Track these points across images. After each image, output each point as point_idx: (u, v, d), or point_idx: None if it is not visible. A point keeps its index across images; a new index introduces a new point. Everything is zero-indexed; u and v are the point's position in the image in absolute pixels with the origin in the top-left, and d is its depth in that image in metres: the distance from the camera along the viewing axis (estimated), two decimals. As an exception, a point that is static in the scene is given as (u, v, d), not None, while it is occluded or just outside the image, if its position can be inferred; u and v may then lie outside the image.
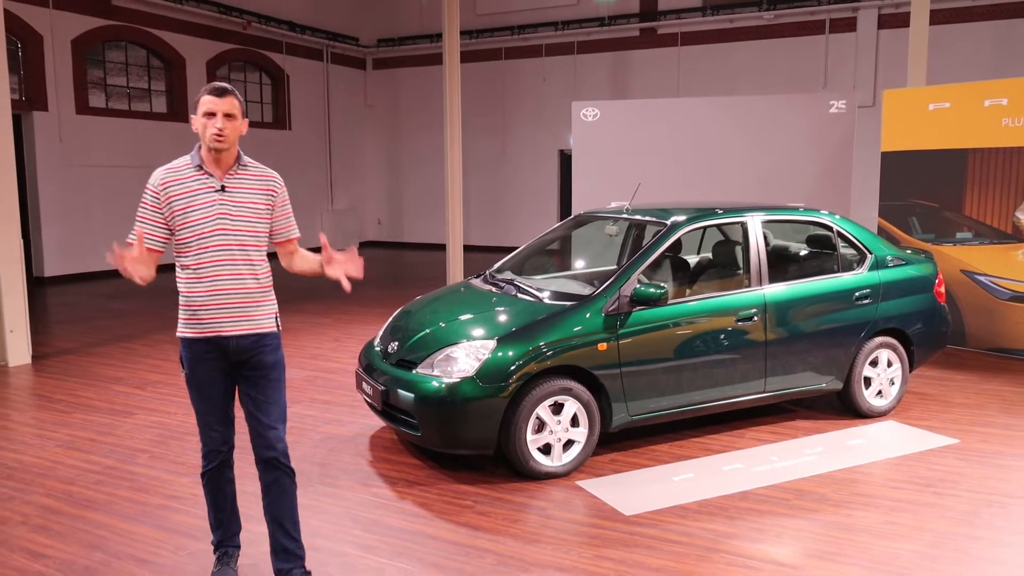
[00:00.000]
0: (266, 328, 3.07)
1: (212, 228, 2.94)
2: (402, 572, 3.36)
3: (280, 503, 3.09)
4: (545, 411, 4.33)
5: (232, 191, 2.98)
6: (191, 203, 2.94)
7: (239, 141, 3.02)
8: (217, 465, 3.15)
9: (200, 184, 2.96)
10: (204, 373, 3.03)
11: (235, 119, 2.97)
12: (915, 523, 3.81)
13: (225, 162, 3.00)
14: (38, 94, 12.00)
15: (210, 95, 2.95)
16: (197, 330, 2.99)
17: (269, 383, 3.08)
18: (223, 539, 3.26)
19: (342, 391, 6.11)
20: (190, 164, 3.00)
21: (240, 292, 2.99)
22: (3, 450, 4.86)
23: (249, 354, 3.04)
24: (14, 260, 7.05)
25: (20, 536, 3.69)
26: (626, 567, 3.40)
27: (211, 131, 2.92)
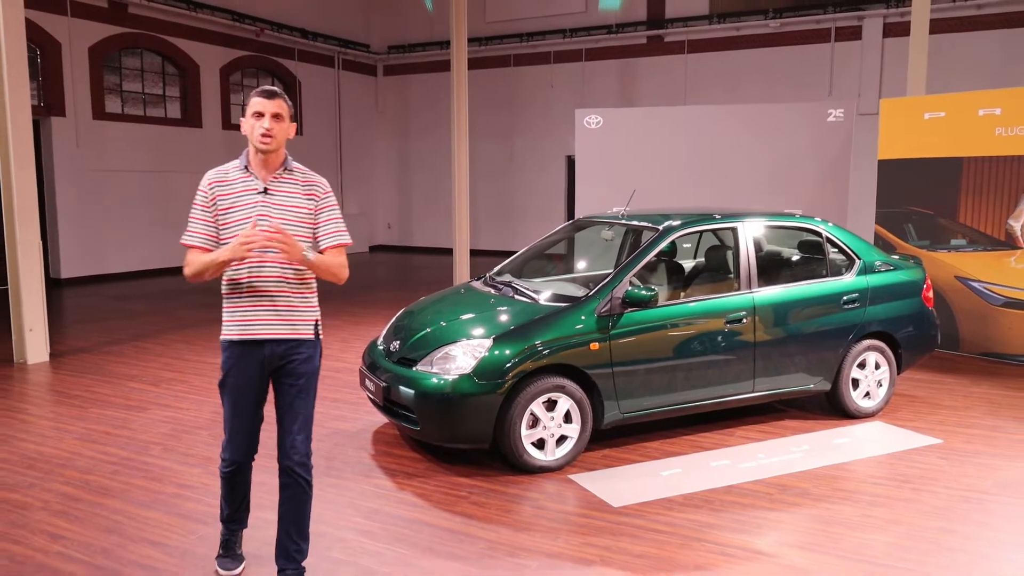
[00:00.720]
0: (303, 334, 3.07)
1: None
2: (399, 556, 3.56)
3: (291, 508, 3.16)
4: (539, 407, 4.53)
5: (274, 194, 3.02)
6: (234, 204, 2.99)
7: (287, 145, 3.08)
8: (235, 469, 3.22)
9: (244, 186, 3.01)
10: (237, 378, 3.05)
11: (283, 121, 3.00)
12: (891, 517, 3.98)
13: (271, 165, 3.03)
14: (56, 100, 12.31)
15: (259, 97, 2.98)
16: (236, 331, 3.03)
17: (298, 391, 3.09)
18: (231, 518, 3.36)
19: (347, 389, 6.32)
20: (238, 166, 3.06)
21: (276, 295, 3.00)
22: (24, 441, 5.10)
23: (283, 360, 3.05)
24: (33, 262, 7.30)
25: (41, 520, 3.92)
26: (610, 553, 3.58)
27: (258, 131, 2.96)
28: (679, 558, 3.55)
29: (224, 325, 3.07)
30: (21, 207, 7.18)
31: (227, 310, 3.06)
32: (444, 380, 4.45)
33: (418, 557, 3.56)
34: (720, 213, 5.60)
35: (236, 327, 3.02)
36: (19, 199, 7.16)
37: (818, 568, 3.46)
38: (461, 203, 12.52)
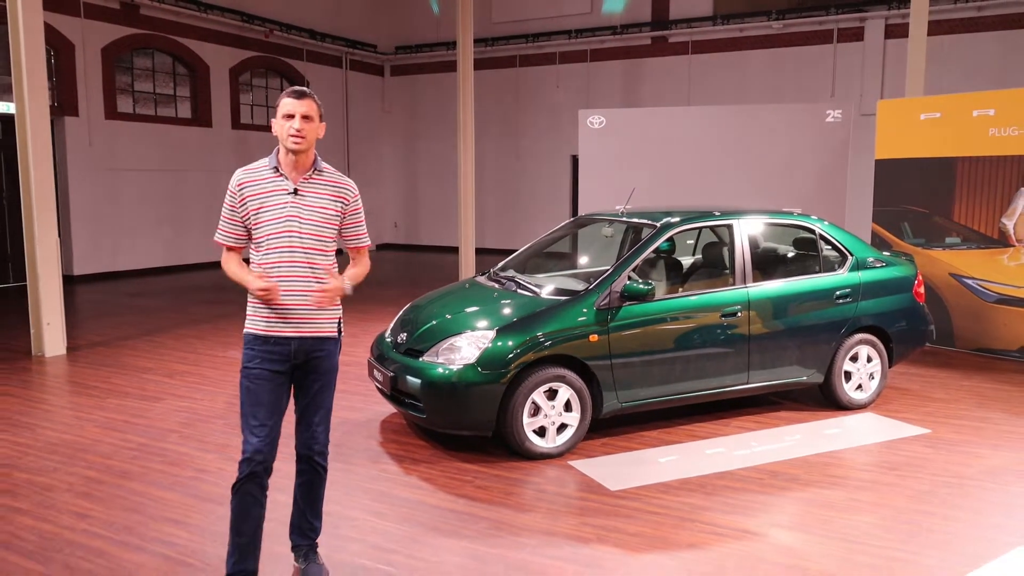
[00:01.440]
0: (326, 332, 3.12)
1: (281, 230, 3.01)
2: (406, 534, 3.76)
3: (307, 492, 3.27)
4: (540, 397, 4.72)
5: (304, 195, 3.04)
6: (264, 204, 3.01)
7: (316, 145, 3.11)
8: (248, 476, 3.01)
9: (274, 186, 3.03)
10: (258, 372, 3.04)
11: (312, 121, 3.02)
12: (876, 500, 4.16)
13: (302, 165, 3.05)
14: (69, 100, 12.55)
15: (289, 98, 3.01)
16: (260, 327, 3.05)
17: (321, 387, 3.15)
18: (234, 572, 3.07)
19: (357, 381, 6.53)
20: (268, 166, 3.07)
21: (302, 295, 3.02)
22: (47, 429, 5.32)
23: (307, 356, 3.09)
24: (51, 259, 7.53)
25: (67, 501, 4.13)
26: (607, 532, 3.78)
27: (289, 132, 2.98)
28: (672, 537, 3.74)
29: (249, 319, 3.09)
30: (39, 206, 7.40)
31: (253, 304, 3.08)
32: (449, 370, 4.65)
33: (423, 535, 3.75)
34: (716, 211, 5.78)
35: (262, 323, 3.04)
36: (37, 198, 7.38)
37: (804, 546, 3.64)
38: (467, 202, 12.72)
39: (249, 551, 3.08)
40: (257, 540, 3.10)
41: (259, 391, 3.04)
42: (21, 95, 7.26)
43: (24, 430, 5.29)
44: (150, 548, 3.60)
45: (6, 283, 12.07)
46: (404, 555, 3.55)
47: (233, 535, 3.06)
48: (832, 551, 3.60)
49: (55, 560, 3.48)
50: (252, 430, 3.02)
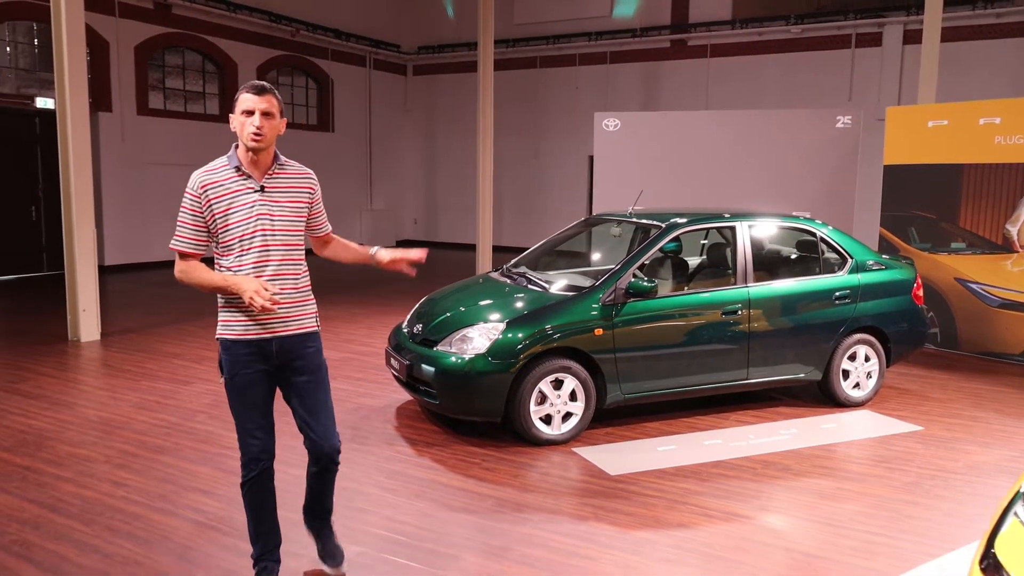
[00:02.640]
0: (308, 328, 3.07)
1: (254, 229, 2.91)
2: (417, 509, 4.05)
3: (322, 484, 3.27)
4: (547, 386, 5.00)
5: (272, 191, 2.95)
6: (231, 205, 2.90)
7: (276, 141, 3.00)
8: (257, 475, 3.07)
9: (239, 185, 2.92)
10: (245, 376, 2.98)
11: (273, 118, 2.90)
12: (861, 490, 4.40)
13: (263, 162, 2.95)
14: (103, 96, 12.97)
15: (248, 92, 2.89)
16: (239, 331, 2.95)
17: (317, 386, 3.09)
18: (263, 553, 3.18)
19: (373, 370, 6.84)
20: (228, 166, 2.95)
21: (282, 293, 2.94)
22: (85, 407, 5.67)
23: (292, 355, 3.02)
24: (88, 248, 7.91)
25: (105, 471, 4.46)
26: (604, 512, 4.04)
27: (249, 130, 2.86)
28: (664, 517, 4.00)
29: (222, 324, 3.00)
30: (78, 198, 7.78)
31: (226, 309, 2.98)
32: (461, 359, 4.94)
33: (434, 510, 4.04)
34: (720, 213, 6.02)
35: (239, 327, 2.96)
36: (76, 191, 7.75)
37: (788, 529, 3.89)
38: (485, 200, 13.01)
39: (271, 531, 3.19)
40: (275, 519, 3.21)
41: (250, 395, 3.00)
42: (63, 93, 7.64)
43: (64, 408, 5.65)
44: (182, 514, 3.92)
45: (41, 272, 12.52)
46: (415, 526, 3.84)
47: (253, 523, 3.15)
48: (815, 534, 3.85)
49: (97, 522, 3.81)
50: (251, 434, 3.02)
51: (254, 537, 3.17)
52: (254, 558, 3.18)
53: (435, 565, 3.47)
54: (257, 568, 3.17)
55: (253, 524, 3.15)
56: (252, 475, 3.06)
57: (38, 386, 6.19)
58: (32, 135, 12.38)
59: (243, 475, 3.08)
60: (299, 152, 15.80)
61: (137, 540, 3.64)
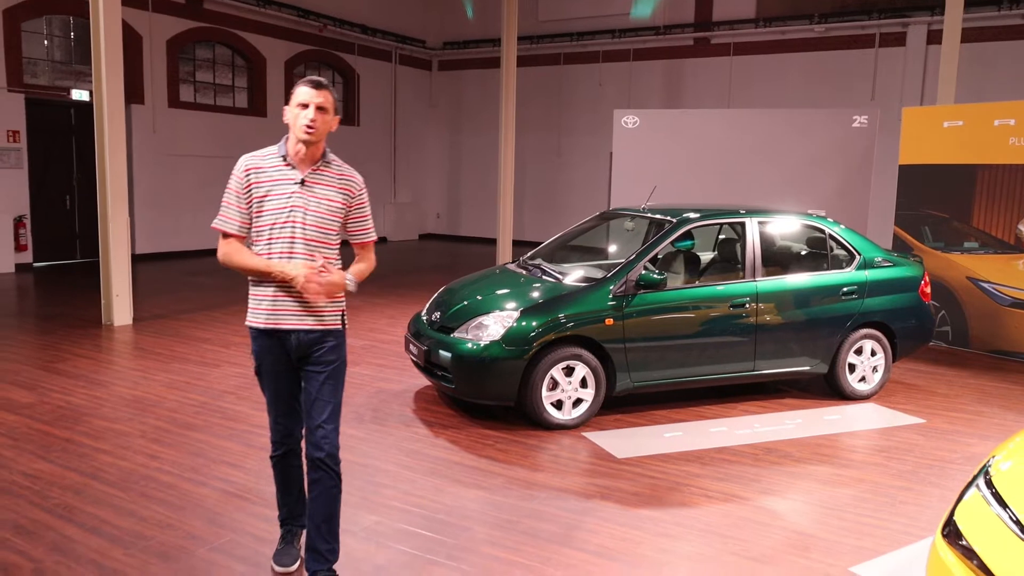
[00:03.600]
0: (330, 325, 3.05)
1: (285, 220, 2.94)
2: (433, 484, 4.29)
3: (319, 504, 3.06)
4: (559, 373, 5.21)
5: (311, 186, 2.98)
6: (270, 192, 2.95)
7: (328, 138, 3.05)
8: (283, 454, 3.25)
9: (282, 175, 2.97)
10: (270, 365, 3.07)
11: (327, 113, 2.96)
12: (858, 476, 4.57)
13: (311, 156, 2.99)
14: (136, 89, 13.34)
15: (306, 86, 2.95)
16: (262, 320, 3.01)
17: (325, 381, 3.05)
18: (288, 517, 3.37)
19: (394, 357, 7.08)
20: (276, 154, 3.01)
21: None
22: (119, 387, 5.97)
23: (309, 350, 3.03)
24: (122, 235, 8.23)
25: (140, 445, 4.74)
26: (608, 491, 4.25)
27: (302, 122, 2.91)
28: (666, 497, 4.20)
29: (250, 312, 3.06)
30: (113, 187, 8.09)
31: (254, 297, 3.05)
32: (477, 345, 5.16)
33: (448, 486, 4.27)
34: (731, 209, 6.19)
35: (263, 315, 3.01)
36: (111, 180, 8.07)
37: (784, 510, 4.08)
38: (506, 195, 13.23)
39: (297, 502, 3.35)
40: (302, 492, 3.32)
41: (274, 384, 3.11)
42: (100, 86, 7.95)
43: (100, 387, 5.95)
44: (212, 484, 4.18)
45: (74, 259, 12.93)
46: (429, 500, 4.07)
47: (280, 493, 3.36)
48: (810, 515, 4.03)
49: (133, 489, 4.09)
50: (275, 420, 3.21)
51: (281, 503, 3.38)
52: (280, 520, 3.40)
53: (447, 534, 3.70)
54: (283, 530, 3.39)
55: (281, 493, 3.36)
56: (278, 453, 3.26)
57: (75, 366, 6.50)
58: (67, 126, 12.77)
59: (271, 450, 3.28)
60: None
61: (170, 506, 3.91)
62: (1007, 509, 2.21)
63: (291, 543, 3.37)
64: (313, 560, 3.10)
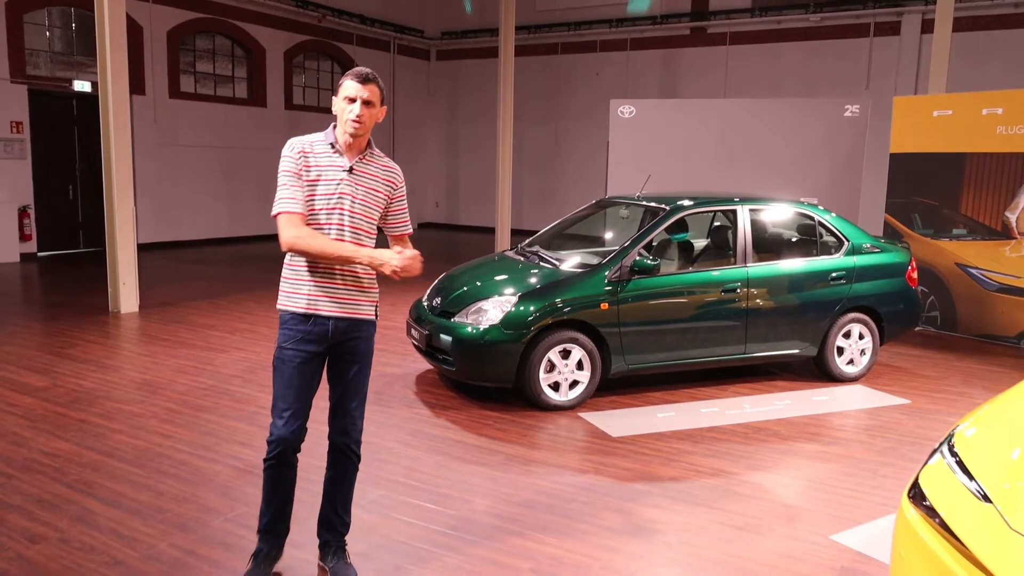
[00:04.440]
0: (365, 315, 3.09)
1: (333, 206, 2.96)
2: (434, 461, 4.48)
3: (340, 483, 3.21)
4: (555, 355, 5.39)
5: (358, 175, 3.01)
6: (320, 177, 2.96)
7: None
8: (275, 458, 3.06)
9: (331, 161, 2.98)
10: (293, 353, 3.00)
11: (373, 106, 2.97)
12: (842, 453, 4.76)
13: (357, 146, 3.02)
14: (137, 79, 13.45)
15: (352, 80, 2.95)
16: (300, 305, 2.98)
17: (358, 372, 3.11)
18: (264, 530, 3.16)
19: (396, 343, 7.27)
20: (324, 141, 3.01)
21: (351, 276, 3.02)
22: (129, 371, 6.16)
23: (344, 338, 3.04)
24: (128, 224, 8.39)
25: (153, 425, 4.93)
26: (603, 467, 4.45)
27: (348, 116, 2.93)
28: (657, 472, 4.39)
29: (286, 295, 3.03)
30: (118, 177, 8.25)
31: (292, 281, 3.02)
32: (477, 329, 5.34)
33: (448, 462, 4.47)
34: (723, 197, 6.36)
35: (303, 300, 2.99)
36: (116, 171, 8.22)
37: (769, 483, 4.27)
38: (504, 184, 13.38)
39: (281, 512, 3.15)
40: (289, 501, 3.16)
41: (292, 373, 3.00)
42: (104, 77, 8.09)
43: (111, 371, 6.13)
44: (223, 461, 4.37)
45: (79, 248, 13.09)
46: (430, 475, 4.27)
47: (266, 501, 3.13)
48: (794, 488, 4.22)
49: (149, 466, 4.28)
50: (280, 413, 3.02)
51: (264, 510, 3.15)
52: (260, 530, 3.16)
53: (448, 506, 3.89)
54: (259, 539, 3.16)
55: (266, 501, 3.14)
56: (272, 455, 3.06)
57: (85, 352, 6.68)
58: (70, 117, 12.90)
59: (269, 451, 3.08)
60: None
61: (184, 481, 4.10)
62: (966, 472, 2.39)
63: (260, 566, 3.11)
64: (326, 530, 3.23)
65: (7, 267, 11.34)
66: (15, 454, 4.40)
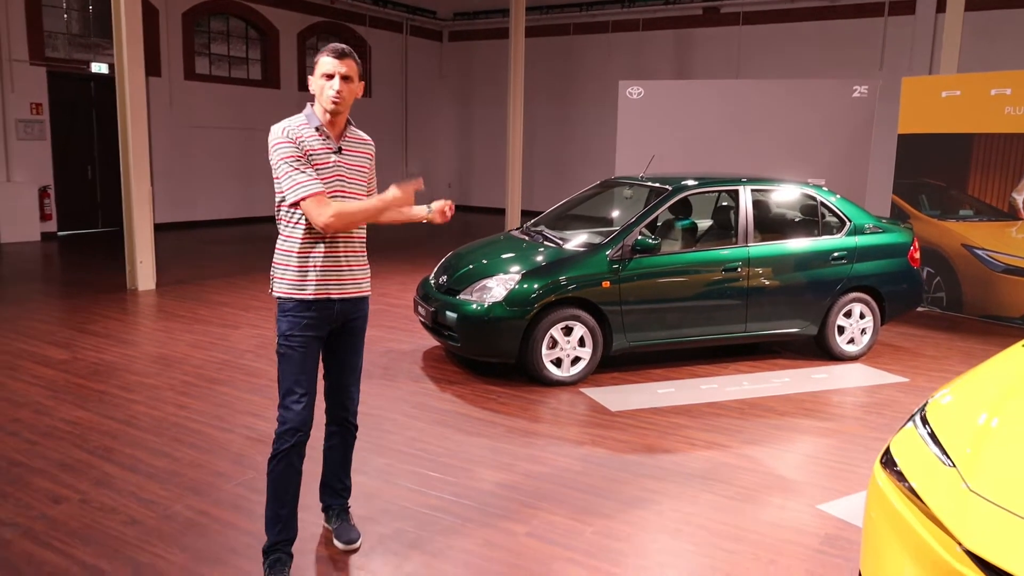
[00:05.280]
0: (366, 292, 3.14)
1: (331, 190, 2.94)
2: (438, 432, 4.64)
3: (340, 452, 3.31)
4: (558, 332, 5.53)
5: (347, 154, 3.02)
6: (315, 161, 2.93)
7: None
8: (289, 448, 2.96)
9: (321, 144, 2.95)
10: (301, 337, 2.97)
11: (352, 82, 2.93)
12: (837, 428, 4.88)
13: (339, 125, 3.01)
14: (153, 62, 13.60)
15: (329, 56, 2.91)
16: (310, 291, 2.95)
17: (354, 349, 3.17)
18: (277, 541, 3.01)
19: (404, 321, 7.43)
20: (308, 124, 2.95)
21: (352, 255, 3.05)
22: (147, 346, 6.36)
23: (350, 316, 3.08)
24: (144, 203, 8.58)
25: (169, 397, 5.12)
26: (601, 439, 4.59)
27: (328, 94, 2.89)
28: (653, 444, 4.54)
29: (293, 283, 2.96)
30: (135, 157, 8.43)
31: (298, 268, 2.95)
32: (481, 306, 5.49)
33: (451, 434, 4.63)
34: (726, 177, 6.45)
35: (311, 286, 2.95)
36: (134, 152, 8.40)
37: (762, 456, 4.40)
38: (514, 165, 13.47)
39: (291, 520, 3.04)
40: (296, 506, 3.06)
41: (302, 359, 2.97)
42: (121, 59, 8.25)
43: (129, 345, 6.34)
44: (237, 431, 4.55)
45: (97, 228, 13.33)
46: (434, 445, 4.43)
47: (274, 506, 2.99)
48: (787, 461, 4.35)
49: (165, 435, 4.47)
50: (296, 400, 2.96)
51: (270, 522, 3.01)
52: (265, 548, 3.03)
53: (450, 474, 4.05)
54: (270, 559, 3.00)
55: (273, 506, 3.00)
56: (284, 447, 2.96)
57: (104, 327, 6.89)
58: (88, 98, 13.10)
59: (275, 447, 2.97)
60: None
61: (199, 449, 4.28)
62: (934, 438, 2.51)
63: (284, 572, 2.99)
64: (329, 495, 3.35)
65: (28, 246, 11.59)
66: (39, 422, 4.61)
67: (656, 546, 3.40)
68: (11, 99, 11.90)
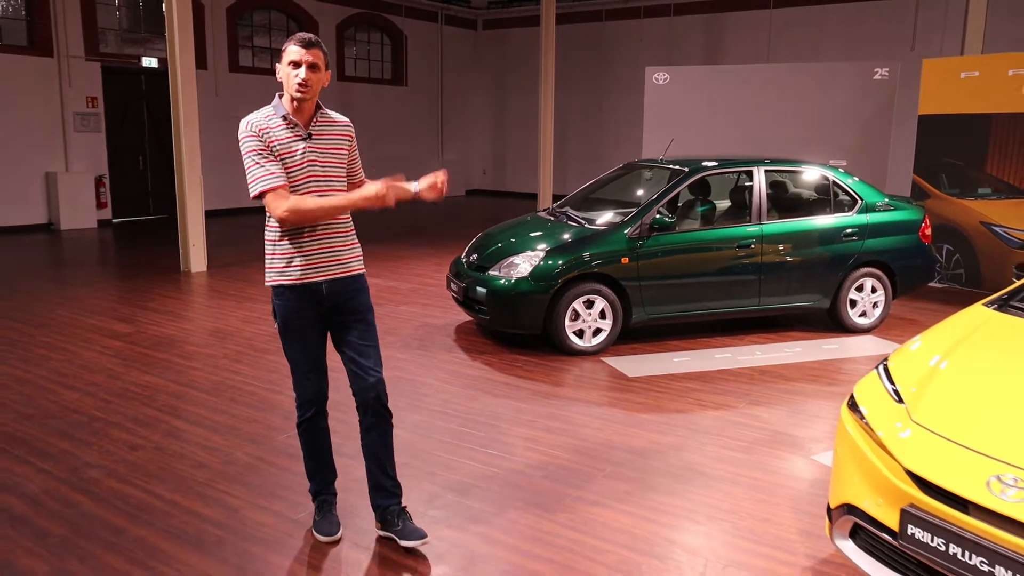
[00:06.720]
0: (357, 270, 3.15)
1: (305, 175, 2.99)
2: (468, 395, 5.09)
3: (379, 444, 3.22)
4: (580, 305, 5.93)
5: (318, 139, 3.05)
6: (284, 151, 2.97)
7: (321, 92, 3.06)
8: (312, 415, 3.20)
9: (288, 133, 2.99)
10: (300, 320, 3.07)
11: (319, 71, 2.97)
12: (841, 392, 5.22)
13: (307, 111, 3.03)
14: (199, 55, 14.14)
15: (295, 45, 2.96)
16: (293, 277, 3.02)
17: (366, 326, 3.16)
18: (320, 488, 3.34)
19: (438, 298, 7.89)
20: (275, 115, 3.00)
21: (335, 236, 3.07)
22: (202, 320, 6.92)
23: (343, 297, 3.10)
24: (196, 191, 9.16)
25: (225, 364, 5.65)
26: (616, 400, 5.00)
27: (294, 82, 2.93)
28: (666, 405, 4.93)
29: (277, 271, 3.06)
30: (187, 147, 9.00)
31: (281, 256, 3.04)
32: (509, 281, 5.91)
33: (480, 396, 5.07)
34: (741, 159, 6.77)
35: (296, 271, 3.02)
36: (185, 141, 8.97)
37: (767, 415, 4.77)
38: (546, 151, 13.85)
39: (327, 468, 3.33)
40: (331, 457, 3.35)
41: (303, 338, 3.10)
42: (173, 55, 8.81)
43: (186, 321, 6.90)
44: (286, 393, 5.04)
45: (148, 215, 14.04)
46: (465, 406, 4.88)
47: (310, 462, 3.30)
48: (788, 419, 4.72)
49: (223, 396, 4.99)
50: (306, 376, 3.15)
51: (311, 474, 3.33)
52: (312, 492, 3.36)
53: (477, 428, 4.50)
54: (317, 501, 3.34)
55: (310, 463, 3.31)
56: (307, 416, 3.21)
57: (163, 305, 7.47)
58: (139, 92, 13.78)
59: (298, 416, 3.23)
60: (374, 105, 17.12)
61: (254, 408, 4.79)
62: (890, 379, 2.88)
63: (329, 512, 3.34)
64: (381, 496, 3.25)
65: (86, 232, 12.32)
66: (112, 385, 5.16)
67: (660, 487, 3.80)
68: (69, 93, 12.61)
